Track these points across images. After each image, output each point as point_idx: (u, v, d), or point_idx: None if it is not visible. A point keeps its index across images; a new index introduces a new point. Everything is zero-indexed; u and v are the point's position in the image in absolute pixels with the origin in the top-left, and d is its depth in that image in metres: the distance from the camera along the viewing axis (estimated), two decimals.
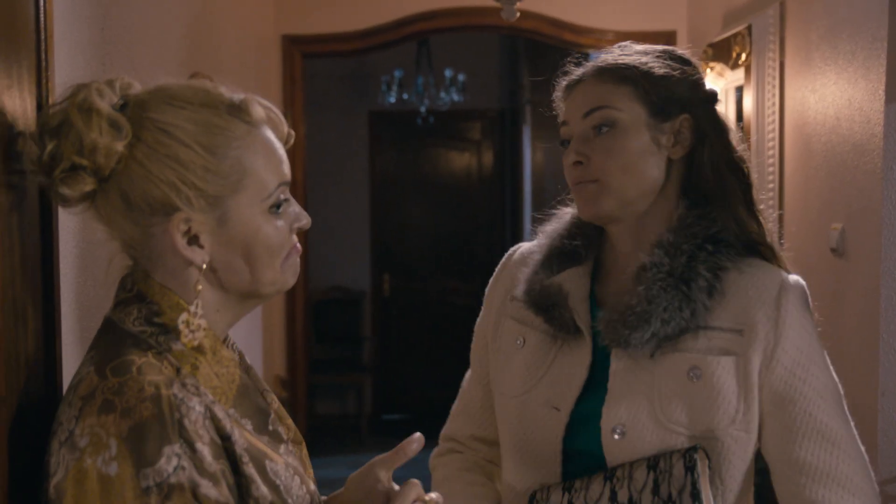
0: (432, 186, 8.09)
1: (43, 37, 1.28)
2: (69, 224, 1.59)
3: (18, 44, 1.22)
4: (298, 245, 1.30)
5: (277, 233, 1.26)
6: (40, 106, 1.28)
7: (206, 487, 1.14)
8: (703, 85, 1.73)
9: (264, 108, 1.28)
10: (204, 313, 1.24)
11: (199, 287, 1.23)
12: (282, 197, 1.26)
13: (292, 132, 1.35)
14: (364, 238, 8.02)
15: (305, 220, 1.31)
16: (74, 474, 1.10)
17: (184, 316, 1.22)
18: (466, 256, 8.18)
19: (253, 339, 4.10)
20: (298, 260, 1.32)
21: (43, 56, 1.28)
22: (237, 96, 1.26)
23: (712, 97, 1.73)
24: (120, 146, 1.18)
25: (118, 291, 1.26)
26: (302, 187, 4.89)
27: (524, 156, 7.27)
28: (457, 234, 8.14)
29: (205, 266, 1.23)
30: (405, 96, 7.13)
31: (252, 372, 1.38)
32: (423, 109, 7.23)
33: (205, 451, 1.15)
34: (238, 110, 1.24)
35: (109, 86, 1.22)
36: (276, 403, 1.39)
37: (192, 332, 1.23)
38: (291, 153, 5.01)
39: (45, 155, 1.18)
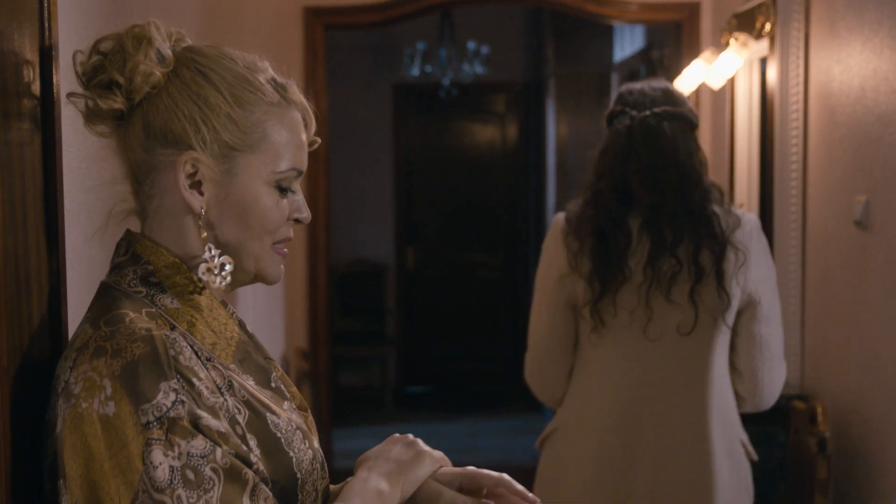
0: (456, 159, 8.06)
1: (46, 4, 1.27)
2: (74, 182, 1.58)
3: (20, 13, 1.21)
4: (291, 238, 1.32)
5: (276, 210, 1.27)
6: (44, 76, 1.27)
7: (207, 419, 1.14)
8: None
9: (301, 97, 1.31)
10: (223, 252, 1.25)
11: (204, 234, 1.24)
12: (292, 181, 1.28)
13: (317, 139, 1.37)
14: (388, 211, 8.02)
15: (306, 214, 1.32)
16: (71, 420, 1.11)
17: (202, 267, 1.24)
18: (490, 229, 8.15)
19: (274, 311, 4.11)
20: (282, 261, 1.32)
21: (46, 25, 1.27)
22: (282, 78, 1.30)
23: None
24: (159, 72, 1.22)
25: (113, 257, 1.27)
26: (324, 161, 4.88)
27: (548, 128, 7.23)
28: (480, 207, 8.11)
29: (202, 212, 1.24)
30: (428, 69, 7.09)
31: (255, 339, 1.38)
32: (446, 82, 7.19)
33: (201, 385, 1.16)
34: (279, 85, 1.28)
35: (165, 30, 1.27)
36: (279, 370, 1.39)
37: (218, 274, 1.24)
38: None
39: (89, 65, 1.23)
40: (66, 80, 1.33)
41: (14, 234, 1.17)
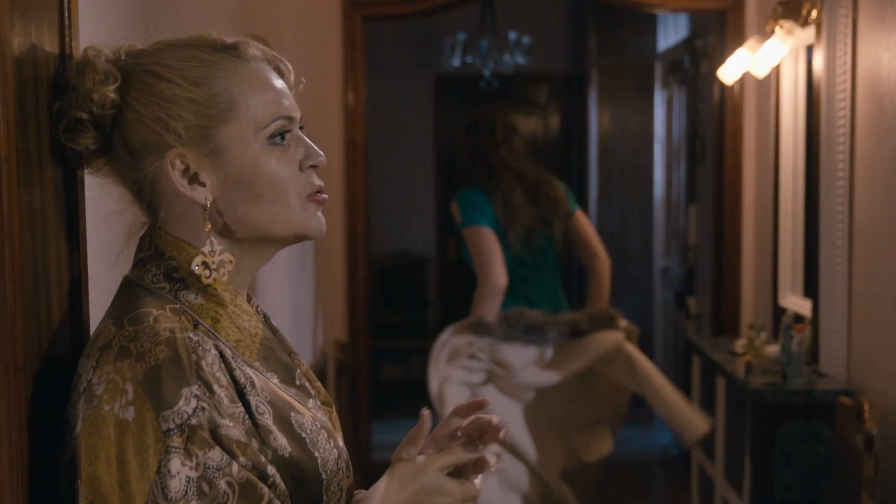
0: None
1: (67, 14, 1.25)
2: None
3: (39, 15, 1.19)
4: (321, 185, 1.27)
5: (281, 167, 1.24)
6: (64, 71, 1.26)
7: (227, 428, 1.13)
8: None
9: (261, 49, 1.28)
10: (225, 249, 1.23)
11: (209, 227, 1.22)
12: (283, 131, 1.24)
13: (302, 79, 1.35)
14: (429, 203, 8.00)
15: (320, 158, 1.28)
16: (91, 422, 1.10)
17: (198, 259, 1.21)
18: None
19: (311, 303, 4.10)
20: (320, 208, 1.28)
21: (66, 14, 1.25)
22: (232, 39, 1.25)
23: None
24: (111, 91, 1.20)
25: (136, 252, 1.26)
26: (363, 151, 4.86)
27: (590, 119, 7.16)
28: None
29: (208, 203, 1.21)
30: (469, 59, 7.05)
31: (279, 333, 1.36)
32: (487, 73, 7.14)
33: (222, 393, 1.15)
34: (229, 48, 1.24)
35: (111, 49, 1.24)
36: (304, 366, 1.37)
37: (213, 269, 1.22)
38: (352, 118, 5.00)
39: (53, 115, 1.21)
40: None
41: (32, 228, 1.15)
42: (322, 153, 1.29)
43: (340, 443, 1.32)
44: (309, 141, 1.28)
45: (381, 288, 7.80)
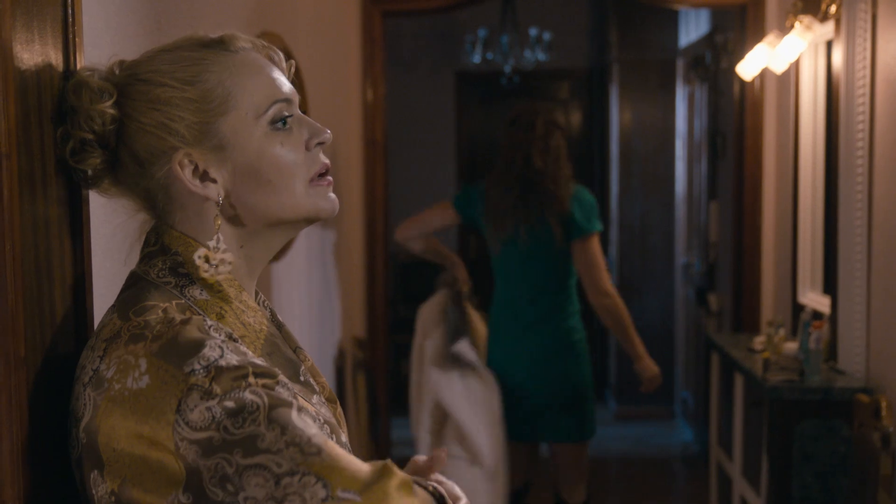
0: None
1: (71, 21, 1.26)
2: None
3: (42, 17, 1.20)
4: (327, 162, 1.29)
5: (286, 151, 1.24)
6: (67, 67, 1.27)
7: (257, 361, 1.13)
8: None
9: (249, 40, 1.29)
10: (228, 248, 1.24)
11: (219, 222, 1.23)
12: (284, 113, 1.25)
13: (294, 62, 1.36)
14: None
15: (325, 135, 1.29)
16: (105, 406, 1.10)
17: (200, 251, 1.22)
18: None
19: (330, 299, 4.11)
20: (330, 190, 1.29)
21: (70, 11, 1.26)
22: (218, 34, 1.27)
23: None
24: (108, 107, 1.21)
25: (143, 247, 1.27)
26: (382, 148, 4.86)
27: (611, 115, 7.13)
28: None
29: (221, 200, 1.22)
30: (489, 56, 7.03)
31: (284, 329, 1.37)
32: (507, 69, 7.13)
33: (244, 348, 1.15)
34: (216, 43, 1.25)
35: (104, 66, 1.26)
36: (309, 361, 1.37)
37: (214, 265, 1.22)
38: (371, 115, 4.99)
39: (58, 139, 1.23)
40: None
41: (34, 223, 1.16)
42: (328, 130, 1.29)
43: (344, 438, 1.32)
44: (311, 120, 1.29)
45: (403, 284, 7.81)
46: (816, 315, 3.86)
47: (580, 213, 3.72)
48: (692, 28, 6.39)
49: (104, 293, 1.43)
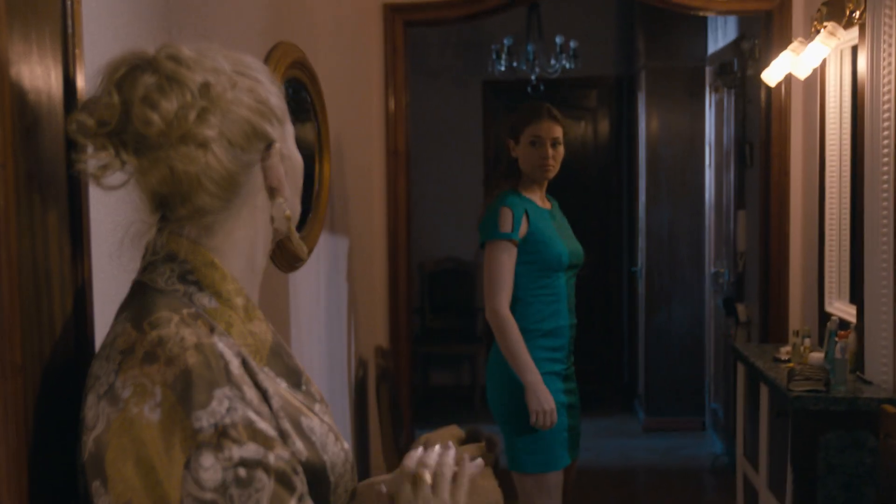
0: None
1: (69, 1, 1.26)
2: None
3: (40, 9, 1.20)
4: None
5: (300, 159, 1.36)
6: (67, 78, 1.27)
7: (260, 423, 1.14)
8: None
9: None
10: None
11: (287, 213, 1.31)
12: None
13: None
14: (477, 209, 7.93)
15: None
16: (119, 424, 1.11)
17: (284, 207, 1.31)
18: (581, 226, 8.03)
19: (344, 310, 4.11)
20: None
21: (69, 23, 1.26)
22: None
23: None
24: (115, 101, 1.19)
25: (145, 255, 1.26)
26: (405, 158, 4.85)
27: (639, 123, 7.09)
28: (572, 204, 7.97)
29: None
30: (514, 64, 7.02)
31: (278, 337, 1.37)
32: (533, 78, 7.11)
33: (252, 393, 1.17)
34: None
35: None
36: (305, 373, 1.37)
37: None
38: (393, 124, 5.01)
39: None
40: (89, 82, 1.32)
41: (32, 231, 1.17)
42: None
43: (346, 445, 1.33)
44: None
45: (429, 294, 7.81)
46: (843, 324, 3.81)
47: (483, 221, 3.55)
48: (720, 35, 6.35)
49: (105, 299, 1.43)
